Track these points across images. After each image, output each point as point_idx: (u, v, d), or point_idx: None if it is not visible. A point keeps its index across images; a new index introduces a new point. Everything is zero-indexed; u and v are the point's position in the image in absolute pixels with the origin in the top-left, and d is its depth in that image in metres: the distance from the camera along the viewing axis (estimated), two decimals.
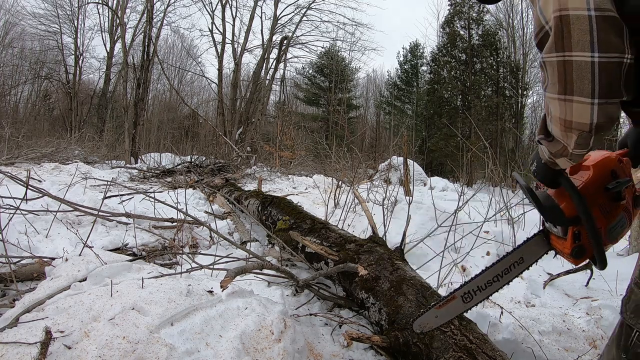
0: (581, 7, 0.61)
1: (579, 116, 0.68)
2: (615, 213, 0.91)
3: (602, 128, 0.69)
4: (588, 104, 0.66)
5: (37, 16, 18.25)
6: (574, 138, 0.73)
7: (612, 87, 0.64)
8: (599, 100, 0.65)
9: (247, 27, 15.89)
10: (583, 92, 0.65)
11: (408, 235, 2.46)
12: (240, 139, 13.05)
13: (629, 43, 0.62)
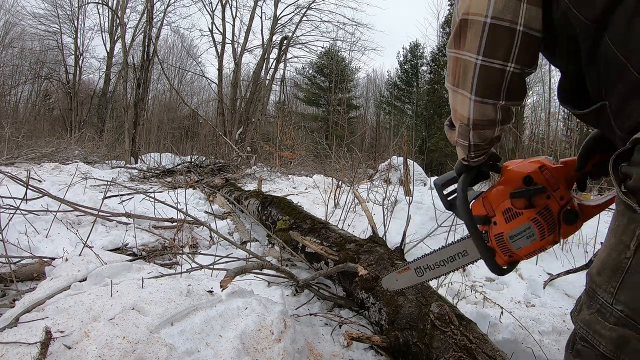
0: (480, 13, 0.66)
1: (461, 107, 0.76)
2: (518, 221, 0.89)
3: (478, 125, 0.77)
4: (467, 99, 0.73)
5: (37, 16, 18.27)
6: (457, 127, 0.82)
7: (488, 89, 0.70)
8: (475, 97, 0.72)
9: (247, 27, 15.90)
10: (465, 87, 0.72)
11: (408, 235, 2.47)
12: (240, 139, 13.05)
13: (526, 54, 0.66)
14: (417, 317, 1.40)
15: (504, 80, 0.69)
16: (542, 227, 0.88)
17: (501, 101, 0.71)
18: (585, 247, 2.91)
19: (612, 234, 0.62)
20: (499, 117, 0.76)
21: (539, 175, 0.87)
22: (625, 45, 0.56)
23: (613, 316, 0.59)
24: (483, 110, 0.74)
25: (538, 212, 0.87)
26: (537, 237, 0.89)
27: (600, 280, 0.61)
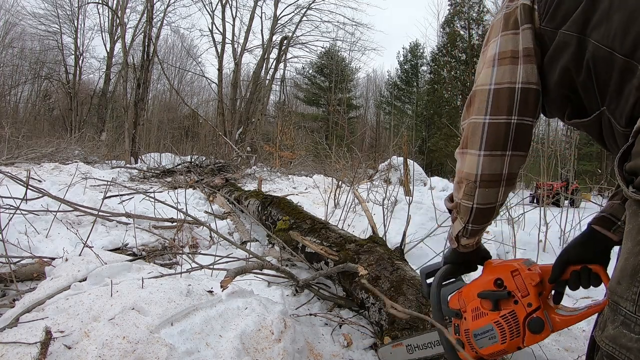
0: (485, 83, 0.77)
1: (469, 166, 0.79)
2: (483, 321, 0.90)
3: (484, 182, 0.79)
4: (475, 156, 0.78)
5: (37, 16, 18.29)
6: (462, 188, 0.83)
7: (497, 142, 0.76)
8: (484, 152, 0.76)
9: (247, 27, 15.91)
10: (474, 146, 0.78)
11: (408, 235, 2.46)
12: (240, 139, 13.05)
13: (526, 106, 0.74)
14: (417, 317, 1.40)
15: (510, 132, 0.75)
16: (504, 331, 0.88)
17: (508, 152, 0.76)
18: None
19: (627, 238, 0.60)
20: (504, 172, 0.78)
21: (510, 280, 0.87)
22: (608, 35, 0.63)
23: (638, 325, 0.54)
24: (491, 163, 0.77)
25: (502, 316, 0.87)
26: (498, 340, 0.89)
27: (621, 289, 0.58)
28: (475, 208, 0.82)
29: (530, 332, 0.86)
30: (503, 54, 0.76)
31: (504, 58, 0.75)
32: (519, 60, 0.74)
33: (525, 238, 2.86)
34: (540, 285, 0.86)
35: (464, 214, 0.85)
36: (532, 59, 0.74)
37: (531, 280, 0.85)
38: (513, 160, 0.77)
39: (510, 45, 0.75)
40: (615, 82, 0.63)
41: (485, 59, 0.79)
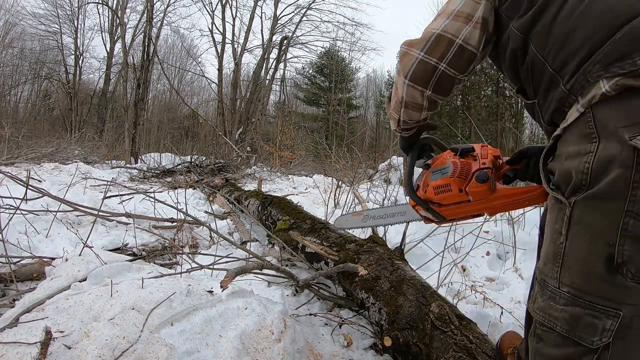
0: (434, 28, 0.88)
1: (400, 88, 0.95)
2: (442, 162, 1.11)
3: (408, 105, 0.96)
4: (401, 82, 0.93)
5: (37, 16, 18.27)
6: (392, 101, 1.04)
7: (419, 78, 0.89)
8: (408, 82, 0.91)
9: (247, 27, 15.90)
10: (404, 71, 0.92)
11: (408, 235, 2.46)
12: (240, 139, 13.04)
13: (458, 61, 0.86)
14: (417, 317, 1.40)
15: (434, 75, 0.88)
16: (457, 169, 1.05)
17: (428, 91, 0.91)
18: None
19: (548, 227, 0.71)
20: (425, 104, 0.95)
21: (478, 148, 1.07)
22: (544, 47, 0.73)
23: (562, 298, 0.66)
24: (410, 92, 0.93)
25: (460, 161, 1.07)
26: (449, 174, 1.07)
27: (546, 269, 0.70)
28: (401, 120, 1.03)
29: (475, 181, 1.02)
30: (460, 12, 0.86)
31: (459, 16, 0.86)
32: (470, 23, 0.85)
33: (525, 238, 2.86)
34: (497, 161, 1.05)
35: (394, 121, 1.06)
36: (482, 28, 0.85)
37: (493, 152, 1.05)
38: (431, 98, 0.94)
39: (469, 9, 0.86)
40: (544, 87, 0.75)
41: (444, 9, 0.90)
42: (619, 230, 0.59)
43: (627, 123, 0.57)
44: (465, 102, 20.67)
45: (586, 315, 0.63)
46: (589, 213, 0.62)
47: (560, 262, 0.66)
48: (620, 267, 0.60)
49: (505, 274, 2.56)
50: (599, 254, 0.61)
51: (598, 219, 0.61)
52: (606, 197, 0.59)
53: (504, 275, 2.53)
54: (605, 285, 0.61)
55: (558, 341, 0.67)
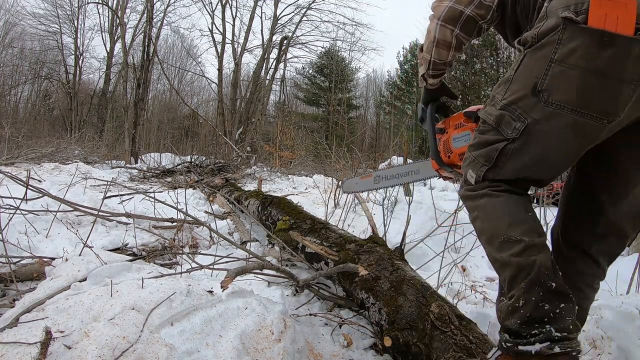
0: None
1: (432, 30, 1.17)
2: (463, 129, 1.30)
3: (439, 43, 1.17)
4: (436, 23, 1.15)
5: (37, 16, 18.26)
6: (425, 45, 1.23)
7: (450, 18, 1.12)
8: (440, 22, 1.14)
9: (247, 27, 15.90)
10: (437, 16, 1.14)
11: (408, 235, 2.46)
12: (240, 139, 13.04)
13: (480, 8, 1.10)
14: (417, 317, 1.40)
15: (461, 17, 1.11)
16: None
17: (456, 30, 1.13)
18: None
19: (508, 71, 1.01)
20: (453, 42, 1.16)
21: None
22: None
23: (498, 104, 0.98)
24: (444, 32, 1.14)
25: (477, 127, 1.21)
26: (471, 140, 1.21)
27: (498, 89, 1.00)
28: (432, 61, 1.22)
29: None
30: None
31: None
32: None
33: None
34: None
35: (425, 63, 1.25)
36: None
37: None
38: (459, 37, 1.14)
39: None
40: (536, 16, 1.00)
41: None
42: (544, 69, 0.87)
43: (562, 5, 0.86)
44: (465, 102, 20.67)
45: (507, 116, 0.95)
46: (530, 57, 0.92)
47: (508, 84, 0.97)
48: (540, 92, 0.89)
49: None
50: (530, 81, 0.90)
51: (534, 61, 0.90)
52: (542, 48, 0.88)
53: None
54: (525, 100, 0.92)
55: (490, 130, 1.00)
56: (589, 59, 0.81)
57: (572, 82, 0.84)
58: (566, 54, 0.84)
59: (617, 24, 0.77)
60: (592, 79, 0.82)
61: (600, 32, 0.78)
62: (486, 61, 20.74)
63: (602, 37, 0.78)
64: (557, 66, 0.85)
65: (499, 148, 0.97)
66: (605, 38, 0.78)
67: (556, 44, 0.85)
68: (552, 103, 0.87)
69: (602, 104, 0.84)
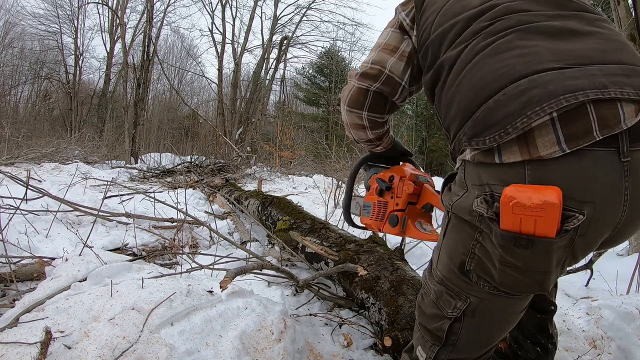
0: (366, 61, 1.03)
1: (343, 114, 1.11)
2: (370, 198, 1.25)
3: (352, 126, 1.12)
4: (343, 109, 1.09)
5: (37, 16, 18.25)
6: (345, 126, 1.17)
7: (354, 101, 1.04)
8: (346, 107, 1.07)
9: (247, 27, 15.89)
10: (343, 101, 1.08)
11: None
12: (240, 139, 13.04)
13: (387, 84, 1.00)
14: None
15: (366, 98, 1.02)
16: (375, 211, 1.19)
17: (364, 112, 1.05)
18: None
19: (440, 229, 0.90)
20: (366, 124, 1.08)
21: (397, 181, 1.16)
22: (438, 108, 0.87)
23: (436, 277, 0.88)
24: (352, 117, 1.08)
25: (379, 201, 1.18)
26: (369, 215, 1.21)
27: (434, 255, 0.91)
28: (355, 140, 1.17)
29: (388, 224, 1.15)
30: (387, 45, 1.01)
31: (386, 48, 1.01)
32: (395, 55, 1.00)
33: None
34: (414, 196, 1.13)
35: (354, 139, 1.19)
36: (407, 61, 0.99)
37: (407, 189, 1.13)
38: (370, 118, 1.06)
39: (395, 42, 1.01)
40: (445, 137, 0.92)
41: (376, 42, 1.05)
42: (469, 250, 0.77)
43: (477, 183, 0.73)
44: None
45: (445, 294, 0.85)
46: (456, 229, 0.81)
47: (438, 252, 0.88)
48: (468, 272, 0.80)
49: None
50: (457, 258, 0.81)
51: (459, 236, 0.79)
52: (465, 224, 0.77)
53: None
54: (459, 280, 0.82)
55: (430, 304, 0.90)
56: (507, 257, 0.69)
57: (497, 271, 0.74)
58: (486, 244, 0.73)
59: (535, 227, 0.63)
60: (516, 274, 0.71)
61: (514, 236, 0.65)
62: None
63: (519, 240, 0.65)
64: (481, 250, 0.75)
65: (445, 329, 0.86)
66: (522, 241, 0.65)
67: (477, 229, 0.74)
68: (483, 285, 0.78)
69: (530, 289, 0.76)
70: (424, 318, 0.92)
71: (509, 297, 0.79)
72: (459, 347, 0.87)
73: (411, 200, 1.13)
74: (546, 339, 1.20)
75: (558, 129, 0.63)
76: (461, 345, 0.86)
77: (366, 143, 1.18)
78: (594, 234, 0.68)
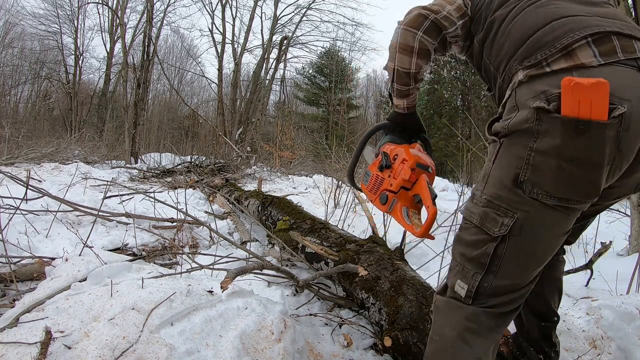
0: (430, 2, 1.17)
1: (395, 36, 1.16)
2: (371, 168, 1.28)
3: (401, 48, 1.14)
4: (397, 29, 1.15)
5: (37, 16, 18.24)
6: (390, 52, 1.19)
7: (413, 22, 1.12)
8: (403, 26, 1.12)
9: (247, 27, 15.89)
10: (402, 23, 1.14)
11: (408, 235, 2.46)
12: (240, 139, 13.04)
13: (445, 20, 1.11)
14: (418, 317, 1.40)
15: (425, 22, 1.11)
16: (371, 182, 1.24)
17: (419, 33, 1.11)
18: (585, 247, 2.91)
19: (485, 163, 0.97)
20: (416, 47, 1.13)
21: (398, 162, 1.19)
22: (489, 55, 1.05)
23: (481, 202, 0.92)
24: (405, 35, 1.13)
25: (377, 175, 1.23)
26: (367, 184, 1.26)
27: (477, 185, 0.96)
28: (396, 69, 1.18)
29: (378, 200, 1.19)
30: None
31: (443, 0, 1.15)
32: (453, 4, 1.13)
33: None
34: (408, 183, 1.15)
35: (390, 72, 1.21)
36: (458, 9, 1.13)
37: (403, 174, 1.15)
38: (422, 41, 1.12)
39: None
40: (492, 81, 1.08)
41: None
42: (524, 160, 0.84)
43: (532, 95, 0.84)
44: (465, 102, 20.67)
45: (492, 214, 0.89)
46: (507, 148, 0.88)
47: (486, 179, 0.93)
48: (521, 184, 0.85)
49: None
50: (511, 173, 0.86)
51: (512, 152, 0.87)
52: (518, 138, 0.86)
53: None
54: (510, 194, 0.87)
55: (473, 230, 0.93)
56: (566, 148, 0.78)
57: (553, 171, 0.81)
58: (544, 144, 0.81)
59: (591, 110, 0.73)
60: (572, 168, 0.79)
61: (574, 121, 0.75)
62: None
63: (577, 125, 0.75)
64: (536, 156, 0.82)
65: (490, 252, 0.89)
66: (580, 126, 0.75)
67: (533, 134, 0.82)
68: (537, 194, 0.83)
69: (585, 188, 0.82)
70: (465, 248, 0.95)
71: (558, 211, 0.85)
72: (502, 273, 0.90)
73: (405, 185, 1.15)
74: (549, 347, 1.23)
75: (593, 48, 0.84)
76: (504, 270, 0.89)
77: (402, 81, 1.20)
78: (634, 134, 0.79)
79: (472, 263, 0.92)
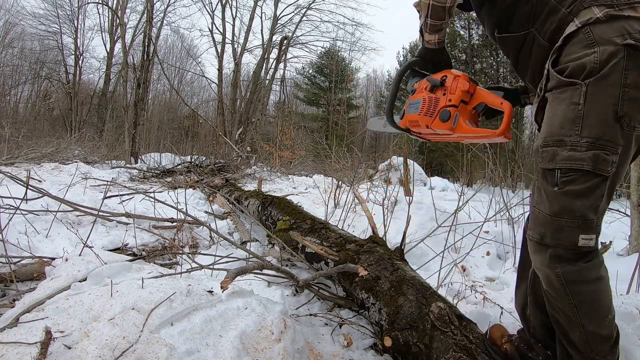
0: None
1: None
2: (418, 95, 1.25)
3: None
4: None
5: (37, 16, 18.26)
6: None
7: None
8: None
9: (247, 27, 15.89)
10: None
11: (408, 235, 2.46)
12: (240, 139, 13.04)
13: None
14: (417, 317, 1.40)
15: None
16: (424, 106, 1.18)
17: None
18: None
19: (559, 106, 0.97)
20: None
21: (451, 80, 1.16)
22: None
23: (583, 146, 0.92)
24: None
25: (429, 97, 1.18)
26: (418, 110, 1.20)
27: (564, 131, 0.95)
28: (431, 4, 1.16)
29: (438, 119, 1.14)
30: None
31: None
32: None
33: None
34: (467, 94, 1.13)
35: (424, 9, 1.19)
36: None
37: (462, 86, 1.13)
38: None
39: None
40: (546, 15, 1.04)
41: None
42: (620, 95, 0.89)
43: (617, 34, 0.90)
44: None
45: (602, 154, 0.91)
46: (600, 87, 0.91)
47: (580, 122, 0.93)
48: (620, 118, 0.90)
49: (505, 274, 2.56)
50: (610, 110, 0.90)
51: (607, 90, 0.90)
52: (608, 76, 0.90)
53: (504, 275, 2.53)
54: (612, 130, 0.91)
55: (584, 178, 0.93)
56: None
57: None
58: (637, 78, 0.89)
59: None
60: None
61: None
62: (486, 61, 20.72)
63: None
64: (631, 91, 0.89)
65: (603, 192, 0.95)
66: None
67: (624, 70, 0.89)
68: (634, 127, 0.91)
69: None
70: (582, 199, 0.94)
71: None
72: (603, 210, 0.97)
73: (464, 98, 1.14)
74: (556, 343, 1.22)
75: None
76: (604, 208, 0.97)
77: (437, 16, 1.18)
78: None
79: (591, 210, 0.94)
